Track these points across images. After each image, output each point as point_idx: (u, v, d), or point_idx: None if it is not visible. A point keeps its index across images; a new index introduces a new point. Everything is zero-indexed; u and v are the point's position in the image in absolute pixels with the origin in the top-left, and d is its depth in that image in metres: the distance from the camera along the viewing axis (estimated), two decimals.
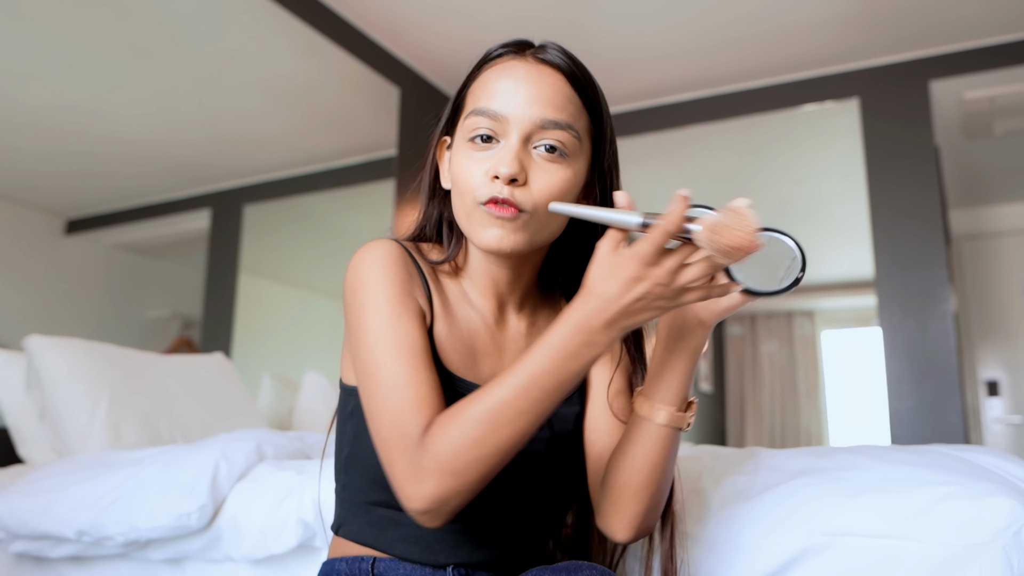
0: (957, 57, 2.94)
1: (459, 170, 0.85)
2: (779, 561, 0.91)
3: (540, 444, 0.89)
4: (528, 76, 0.85)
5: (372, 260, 0.83)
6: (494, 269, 0.91)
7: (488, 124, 0.84)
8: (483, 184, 0.82)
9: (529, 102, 0.83)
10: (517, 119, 0.83)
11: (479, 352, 0.90)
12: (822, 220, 3.84)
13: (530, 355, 0.72)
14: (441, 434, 0.73)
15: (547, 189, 0.83)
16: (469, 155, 0.84)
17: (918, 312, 2.87)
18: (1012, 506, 0.84)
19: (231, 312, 2.64)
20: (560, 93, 0.85)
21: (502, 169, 0.81)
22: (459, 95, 0.90)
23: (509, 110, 0.83)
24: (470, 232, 0.85)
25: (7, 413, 1.76)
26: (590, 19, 2.80)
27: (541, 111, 0.83)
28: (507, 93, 0.84)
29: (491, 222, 0.82)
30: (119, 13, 2.22)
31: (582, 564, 0.78)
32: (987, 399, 3.91)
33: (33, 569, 1.44)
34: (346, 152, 3.03)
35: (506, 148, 0.83)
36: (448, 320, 0.88)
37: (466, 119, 0.86)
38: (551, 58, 0.86)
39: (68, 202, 2.47)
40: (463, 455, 0.72)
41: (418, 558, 0.85)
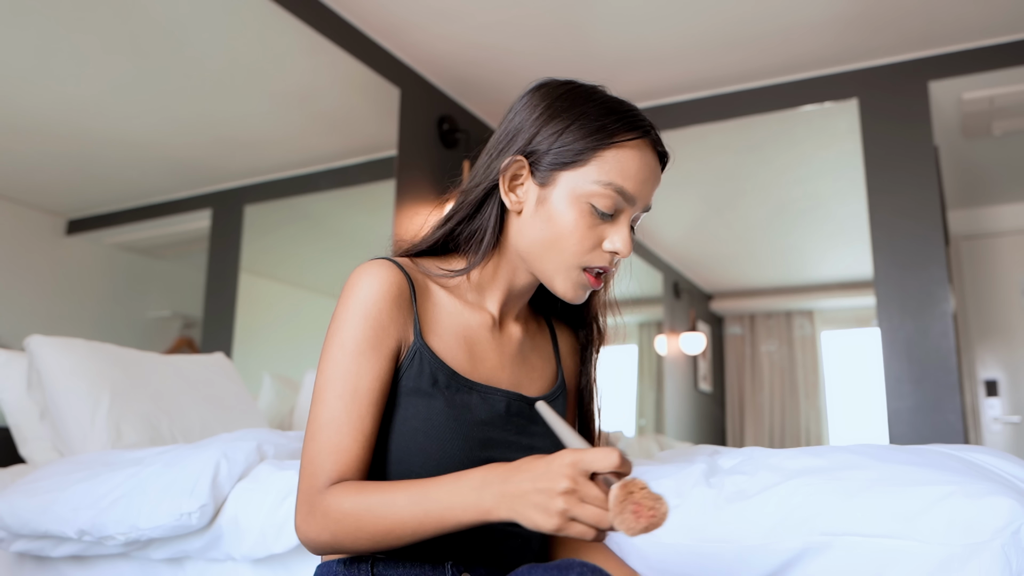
0: (956, 57, 2.94)
1: (572, 226, 0.91)
2: (779, 561, 0.92)
3: (538, 440, 0.94)
4: (656, 169, 0.95)
5: (358, 290, 0.87)
6: (517, 286, 0.98)
7: (619, 202, 0.91)
8: (595, 252, 0.92)
9: (651, 193, 0.95)
10: (641, 205, 0.94)
11: (480, 353, 0.95)
12: (821, 220, 3.84)
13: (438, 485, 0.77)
14: (338, 498, 0.81)
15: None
16: (589, 219, 0.91)
17: (917, 312, 2.87)
18: (1011, 506, 0.84)
19: (232, 312, 2.64)
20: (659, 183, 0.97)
21: (623, 250, 0.91)
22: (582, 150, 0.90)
23: (640, 197, 0.93)
24: (550, 277, 0.93)
25: (8, 413, 1.77)
26: (590, 20, 2.80)
27: (651, 199, 0.96)
28: (644, 182, 0.92)
29: (585, 285, 0.93)
30: (120, 14, 2.22)
31: (573, 562, 0.79)
32: (986, 399, 3.92)
33: (34, 568, 1.44)
34: (346, 152, 3.04)
35: (625, 230, 0.92)
36: (445, 328, 0.93)
37: (600, 186, 0.90)
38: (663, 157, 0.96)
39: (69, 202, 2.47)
40: (346, 527, 0.80)
41: (424, 559, 0.86)
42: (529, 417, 0.95)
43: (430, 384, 0.89)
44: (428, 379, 0.89)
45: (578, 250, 0.91)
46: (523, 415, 0.94)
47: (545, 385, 1.01)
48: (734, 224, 4.00)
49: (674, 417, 4.39)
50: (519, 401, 0.94)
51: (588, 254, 0.91)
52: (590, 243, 0.91)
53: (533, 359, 1.01)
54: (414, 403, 0.88)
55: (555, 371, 1.04)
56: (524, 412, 0.94)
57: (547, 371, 1.03)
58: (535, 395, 0.98)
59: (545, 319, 1.09)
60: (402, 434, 0.87)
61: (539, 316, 1.09)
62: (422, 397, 0.88)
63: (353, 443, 0.84)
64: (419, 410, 0.88)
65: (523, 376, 0.99)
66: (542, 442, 0.94)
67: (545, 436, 0.95)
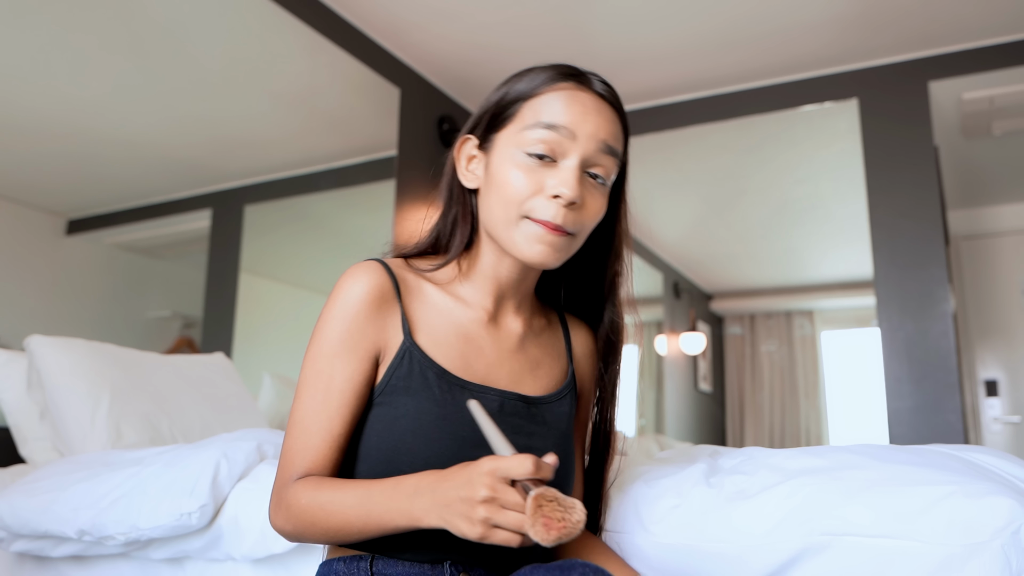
0: (956, 58, 2.94)
1: (507, 177, 0.89)
2: (779, 561, 0.92)
3: (538, 440, 0.92)
4: (596, 107, 0.91)
5: (338, 293, 0.89)
6: (504, 272, 0.95)
7: (555, 140, 0.88)
8: (539, 200, 0.87)
9: (597, 129, 0.89)
10: (583, 142, 0.88)
11: (472, 351, 0.93)
12: (821, 220, 3.84)
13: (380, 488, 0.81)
14: (298, 493, 0.84)
15: (593, 215, 0.91)
16: (525, 165, 0.88)
17: (917, 312, 2.87)
18: (1011, 506, 0.84)
19: (232, 312, 2.64)
20: (616, 126, 0.93)
21: (565, 191, 0.86)
22: (507, 104, 0.93)
23: (578, 131, 0.88)
24: (508, 239, 0.90)
25: (8, 413, 1.77)
26: (590, 20, 2.80)
27: (603, 136, 0.90)
28: (577, 117, 0.89)
29: (540, 238, 0.88)
30: (120, 14, 2.22)
31: (575, 562, 0.79)
32: (986, 399, 3.92)
33: (34, 568, 1.44)
34: (346, 152, 3.04)
35: (569, 170, 0.87)
36: (436, 327, 0.93)
37: (527, 130, 0.89)
38: (611, 98, 0.93)
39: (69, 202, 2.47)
40: (303, 521, 0.84)
41: (420, 559, 0.86)
42: (527, 416, 0.93)
43: (420, 383, 0.88)
44: (418, 378, 0.89)
45: (517, 197, 0.88)
46: (520, 414, 0.93)
47: (552, 383, 0.99)
48: (734, 224, 4.00)
49: (674, 417, 4.39)
50: (515, 400, 0.93)
51: (529, 201, 0.88)
52: (529, 189, 0.87)
53: (538, 355, 0.99)
54: (404, 402, 0.88)
55: (565, 370, 1.02)
56: (521, 411, 0.93)
57: (555, 369, 1.00)
58: (538, 393, 0.96)
59: (560, 317, 1.06)
60: (392, 433, 0.87)
61: (551, 313, 1.06)
62: (412, 396, 0.88)
63: (321, 442, 0.86)
64: (408, 409, 0.87)
65: (524, 373, 0.97)
66: (541, 442, 0.92)
67: (544, 436, 0.93)
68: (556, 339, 1.03)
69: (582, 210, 0.89)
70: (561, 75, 0.92)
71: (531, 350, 0.99)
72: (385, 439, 0.87)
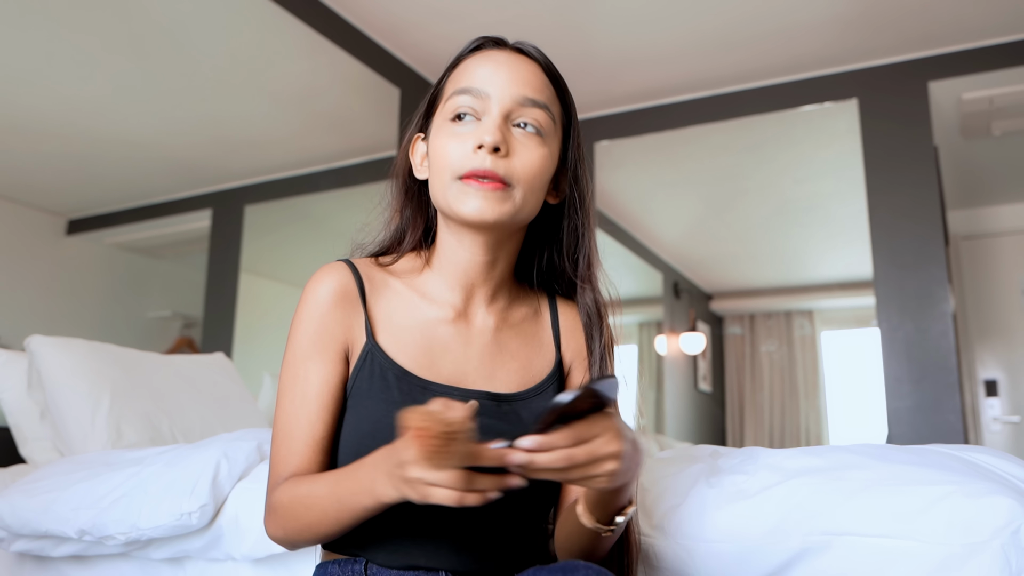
0: (956, 58, 2.94)
1: (438, 148, 0.89)
2: (778, 561, 0.92)
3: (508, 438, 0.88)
4: (508, 61, 0.90)
5: (305, 296, 0.90)
6: (466, 256, 0.92)
7: (470, 102, 0.88)
8: (464, 156, 0.86)
9: (511, 82, 0.88)
10: (499, 96, 0.87)
11: (438, 350, 0.91)
12: (821, 220, 3.84)
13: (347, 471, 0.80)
14: (280, 494, 0.85)
15: (529, 163, 0.87)
16: (449, 132, 0.88)
17: (917, 312, 2.88)
18: (1011, 505, 0.84)
19: (232, 312, 2.64)
20: (537, 78, 0.90)
21: (486, 138, 0.85)
22: (436, 89, 0.95)
23: (491, 88, 0.88)
24: (450, 207, 0.88)
25: (9, 413, 1.77)
26: (589, 20, 2.80)
27: (521, 89, 0.88)
28: (489, 74, 0.89)
29: (473, 193, 0.85)
30: (120, 14, 2.22)
31: (578, 564, 0.78)
32: (986, 399, 3.92)
33: (35, 568, 1.44)
34: (346, 153, 3.04)
35: (487, 121, 0.86)
36: (399, 325, 0.91)
37: (446, 102, 0.90)
38: (527, 50, 0.92)
39: (69, 202, 2.47)
40: (287, 519, 0.84)
41: (400, 564, 0.85)
42: (497, 415, 0.89)
43: (381, 385, 0.87)
44: (379, 380, 0.87)
45: (448, 161, 0.87)
46: (488, 413, 0.88)
47: (531, 377, 0.94)
48: (734, 224, 4.00)
49: (674, 417, 4.40)
50: (483, 399, 0.89)
51: (460, 162, 0.86)
52: (458, 152, 0.86)
53: (515, 349, 0.95)
54: (366, 406, 0.87)
55: (551, 360, 0.97)
56: (490, 410, 0.89)
57: (537, 361, 0.96)
58: (515, 389, 0.92)
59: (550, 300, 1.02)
60: (354, 437, 0.86)
61: (541, 297, 1.02)
62: (373, 400, 0.86)
63: (304, 447, 0.86)
64: (369, 413, 0.86)
65: (498, 369, 0.93)
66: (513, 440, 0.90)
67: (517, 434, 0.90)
68: (539, 327, 0.99)
69: (511, 157, 0.86)
70: (476, 43, 0.93)
71: (508, 344, 0.95)
72: (350, 443, 0.87)
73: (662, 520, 0.99)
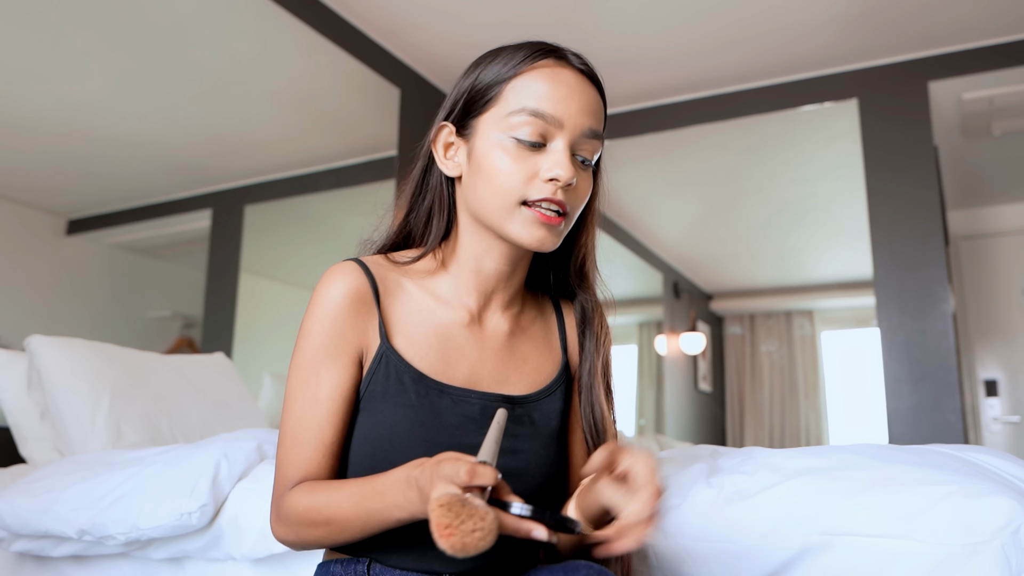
0: (956, 58, 2.94)
1: (499, 164, 0.87)
2: (778, 561, 0.92)
3: (523, 441, 0.90)
4: (579, 86, 0.89)
5: (317, 297, 0.88)
6: (492, 266, 0.92)
7: (542, 127, 0.86)
8: (532, 184, 0.86)
9: (581, 112, 0.88)
10: (571, 127, 0.87)
11: (454, 353, 0.91)
12: (821, 220, 3.84)
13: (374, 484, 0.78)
14: (294, 500, 0.83)
15: (582, 196, 0.90)
16: (514, 151, 0.86)
17: (917, 312, 2.88)
18: (1011, 505, 0.84)
19: (232, 312, 2.64)
20: (599, 106, 0.92)
21: (561, 174, 0.85)
22: (489, 87, 0.90)
23: (564, 117, 0.87)
24: (504, 228, 0.87)
25: (9, 413, 1.77)
26: (590, 21, 2.80)
27: (588, 121, 0.89)
28: (562, 99, 0.87)
29: (539, 224, 0.86)
30: (120, 14, 2.22)
31: (579, 563, 0.78)
32: (985, 399, 3.92)
33: (34, 568, 1.44)
34: (346, 153, 3.04)
35: (559, 153, 0.86)
36: (414, 328, 0.90)
37: (511, 115, 0.87)
38: (589, 72, 0.91)
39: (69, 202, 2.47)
40: (303, 526, 0.83)
41: (411, 566, 0.85)
42: (512, 418, 0.90)
43: (397, 388, 0.86)
44: (395, 383, 0.87)
45: (512, 184, 0.86)
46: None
47: (541, 379, 0.95)
48: (734, 224, 4.00)
49: (674, 417, 4.39)
50: (499, 402, 0.89)
51: (525, 187, 0.85)
52: (523, 175, 0.85)
53: (527, 352, 0.96)
54: (381, 409, 0.86)
55: (558, 361, 0.98)
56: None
57: (546, 363, 0.97)
58: (525, 392, 0.93)
59: (554, 303, 1.03)
60: (370, 442, 0.86)
61: (544, 300, 1.03)
62: (389, 403, 0.86)
63: (314, 452, 0.85)
64: (385, 416, 0.86)
65: (511, 372, 0.93)
66: (527, 443, 0.89)
67: (531, 437, 0.90)
68: (548, 329, 1.00)
69: (575, 192, 0.88)
70: (539, 52, 0.89)
71: (520, 347, 0.96)
72: (365, 447, 0.86)
73: (662, 520, 0.99)
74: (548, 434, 0.92)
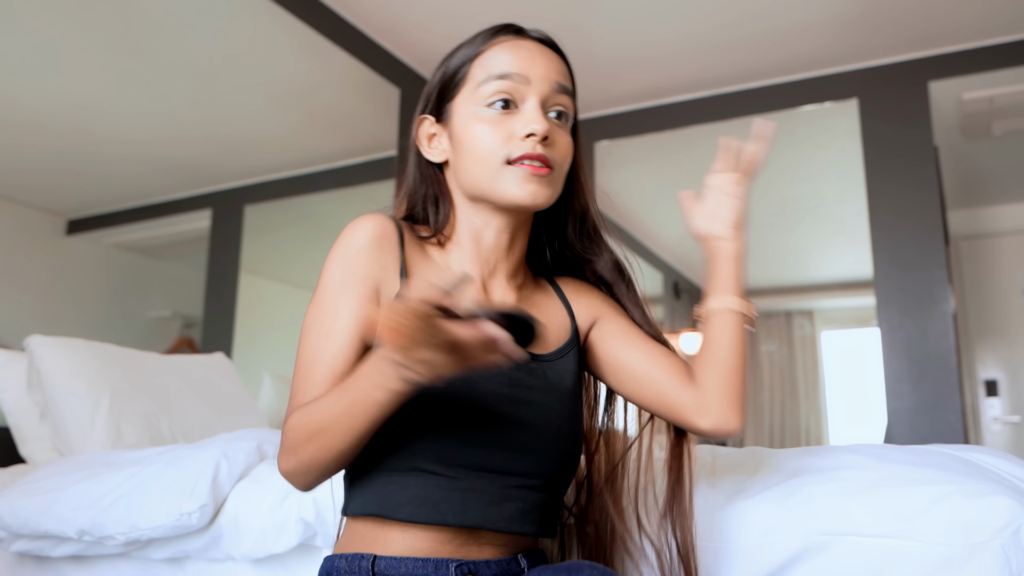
0: (956, 58, 2.94)
1: (477, 133, 0.91)
2: (778, 561, 0.92)
3: (537, 394, 0.90)
4: (539, 50, 0.95)
5: (341, 239, 0.91)
6: (492, 238, 0.96)
7: (508, 88, 0.91)
8: (510, 143, 0.89)
9: (547, 69, 0.93)
10: (537, 82, 0.92)
11: None
12: (821, 220, 3.84)
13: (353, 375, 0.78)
14: (293, 420, 0.83)
15: (564, 150, 0.93)
16: (489, 118, 0.91)
17: (917, 312, 2.88)
18: (1011, 505, 0.84)
19: (232, 312, 2.64)
20: (563, 66, 0.97)
21: (535, 127, 0.89)
22: (456, 73, 0.96)
23: (530, 75, 0.92)
24: (496, 191, 0.91)
25: (8, 413, 1.77)
26: (590, 20, 2.80)
27: (556, 77, 0.94)
28: (524, 60, 0.93)
29: (528, 178, 0.89)
30: (119, 13, 2.22)
31: (583, 563, 0.78)
32: (986, 399, 3.92)
33: (34, 568, 1.44)
34: (346, 152, 3.04)
35: (532, 110, 0.90)
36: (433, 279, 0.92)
37: (481, 86, 0.92)
38: (549, 42, 0.98)
39: (69, 202, 2.47)
40: (299, 443, 0.82)
41: (425, 519, 0.84)
42: (526, 370, 0.91)
43: None
44: None
45: (493, 147, 0.90)
46: (518, 367, 0.90)
47: (555, 342, 0.97)
48: None
49: None
50: None
51: (505, 147, 0.89)
52: (501, 137, 0.89)
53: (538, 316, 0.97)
54: None
55: (568, 327, 1.00)
56: (519, 364, 0.91)
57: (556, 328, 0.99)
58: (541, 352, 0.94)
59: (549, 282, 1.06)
60: None
61: (541, 280, 1.06)
62: None
63: (324, 379, 0.84)
64: None
65: None
66: (541, 396, 0.90)
67: (545, 391, 0.91)
68: (551, 301, 1.03)
69: (554, 146, 0.91)
70: (498, 30, 0.96)
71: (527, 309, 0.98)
72: None
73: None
74: (563, 391, 0.94)
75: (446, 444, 0.84)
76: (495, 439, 0.86)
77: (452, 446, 0.84)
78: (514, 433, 0.87)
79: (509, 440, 0.87)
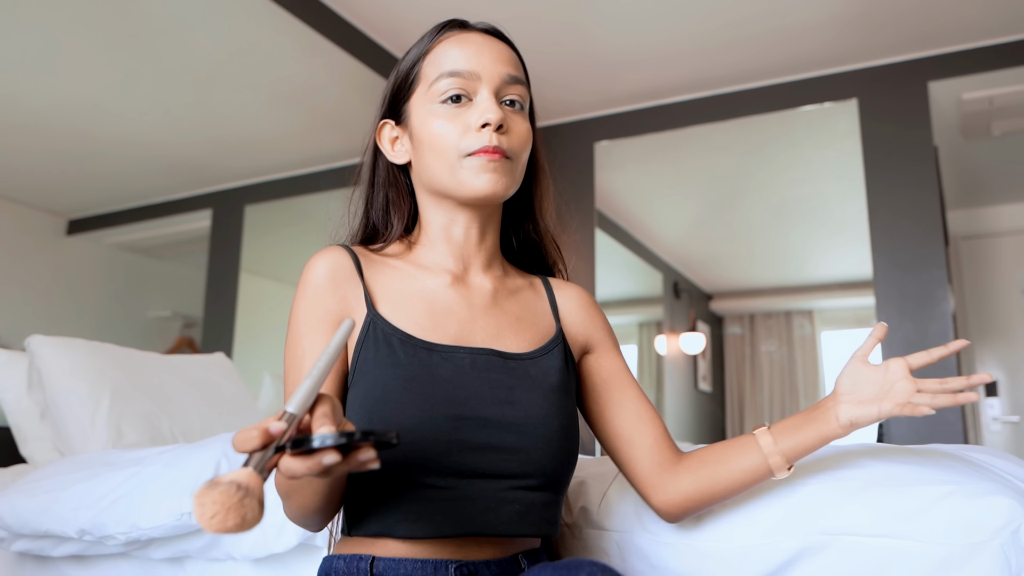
0: (956, 58, 2.94)
1: (435, 129, 0.93)
2: (778, 561, 0.92)
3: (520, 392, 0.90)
4: (486, 42, 0.96)
5: (303, 278, 0.93)
6: (460, 232, 0.97)
7: (460, 84, 0.92)
8: (466, 136, 0.90)
9: (495, 61, 0.94)
10: (488, 75, 0.93)
11: (441, 312, 0.94)
12: (821, 220, 3.84)
13: None
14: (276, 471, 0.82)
15: (521, 137, 0.94)
16: (444, 113, 0.92)
17: (916, 312, 2.88)
18: (1010, 505, 0.84)
19: (232, 312, 2.64)
20: (512, 56, 0.97)
21: (490, 116, 0.90)
22: (409, 74, 0.98)
23: (479, 68, 0.93)
24: (455, 184, 0.92)
25: (9, 413, 1.77)
26: (590, 20, 2.80)
27: (505, 68, 0.95)
28: (472, 55, 0.93)
29: (485, 167, 0.90)
30: (120, 14, 2.22)
31: (583, 561, 0.79)
32: (986, 399, 3.92)
33: (35, 568, 1.44)
34: (346, 153, 3.04)
35: (485, 101, 0.92)
36: (400, 293, 0.94)
37: (432, 85, 0.94)
38: (495, 32, 0.98)
39: (70, 202, 2.47)
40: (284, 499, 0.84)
41: (422, 534, 0.84)
42: (505, 370, 0.91)
43: (386, 352, 0.88)
44: (384, 347, 0.89)
45: (450, 141, 0.91)
46: (495, 368, 0.91)
47: (538, 338, 0.97)
48: (734, 224, 4.00)
49: (674, 417, 4.39)
50: (488, 355, 0.91)
51: (462, 140, 0.91)
52: (458, 130, 0.91)
53: (520, 312, 0.99)
54: (373, 375, 0.88)
55: (552, 326, 1.01)
56: (497, 365, 0.91)
57: (541, 324, 1.00)
58: (521, 349, 0.95)
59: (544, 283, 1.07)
60: (364, 408, 0.87)
61: (534, 278, 1.07)
62: (380, 368, 0.88)
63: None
64: (377, 380, 0.87)
65: (504, 329, 0.96)
66: (525, 394, 0.90)
67: (528, 388, 0.91)
68: (538, 299, 1.04)
69: (511, 133, 0.92)
70: (443, 27, 0.97)
71: (510, 307, 0.99)
72: (361, 413, 0.87)
73: (662, 519, 0.99)
74: (548, 388, 0.93)
75: (434, 454, 0.84)
76: (483, 442, 0.86)
77: (440, 455, 0.84)
78: (501, 434, 0.87)
79: (497, 441, 0.87)
